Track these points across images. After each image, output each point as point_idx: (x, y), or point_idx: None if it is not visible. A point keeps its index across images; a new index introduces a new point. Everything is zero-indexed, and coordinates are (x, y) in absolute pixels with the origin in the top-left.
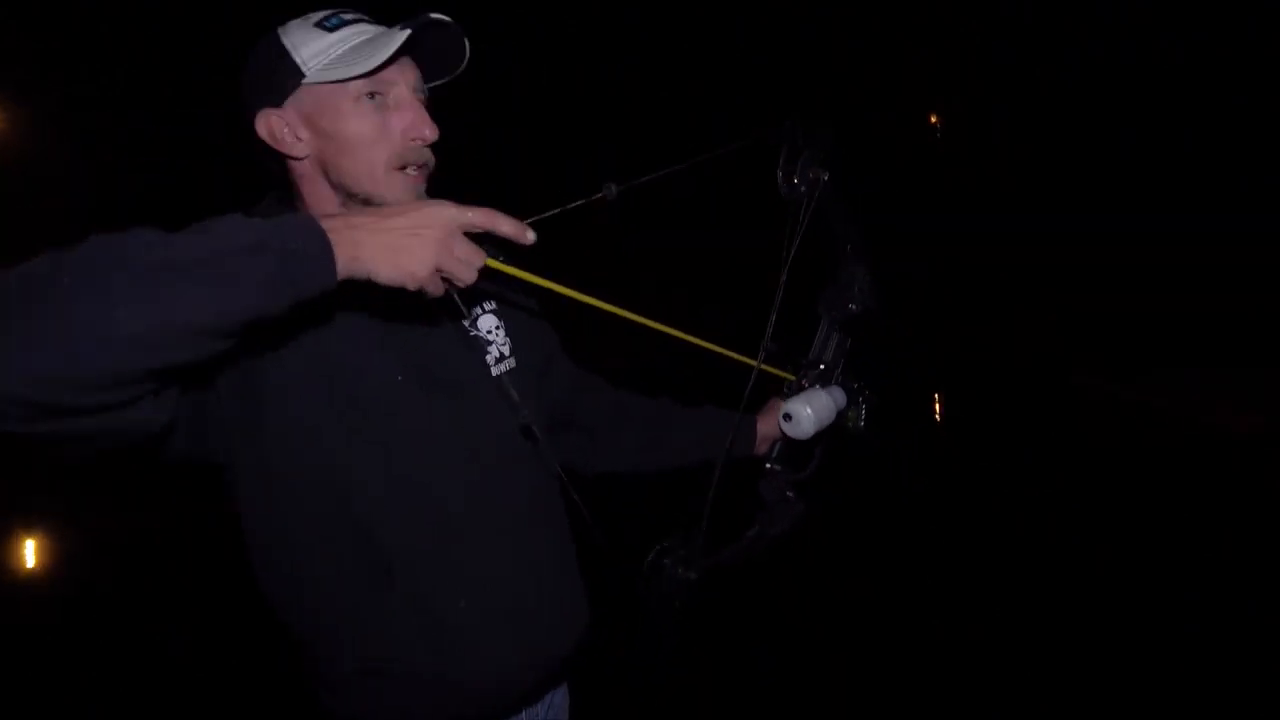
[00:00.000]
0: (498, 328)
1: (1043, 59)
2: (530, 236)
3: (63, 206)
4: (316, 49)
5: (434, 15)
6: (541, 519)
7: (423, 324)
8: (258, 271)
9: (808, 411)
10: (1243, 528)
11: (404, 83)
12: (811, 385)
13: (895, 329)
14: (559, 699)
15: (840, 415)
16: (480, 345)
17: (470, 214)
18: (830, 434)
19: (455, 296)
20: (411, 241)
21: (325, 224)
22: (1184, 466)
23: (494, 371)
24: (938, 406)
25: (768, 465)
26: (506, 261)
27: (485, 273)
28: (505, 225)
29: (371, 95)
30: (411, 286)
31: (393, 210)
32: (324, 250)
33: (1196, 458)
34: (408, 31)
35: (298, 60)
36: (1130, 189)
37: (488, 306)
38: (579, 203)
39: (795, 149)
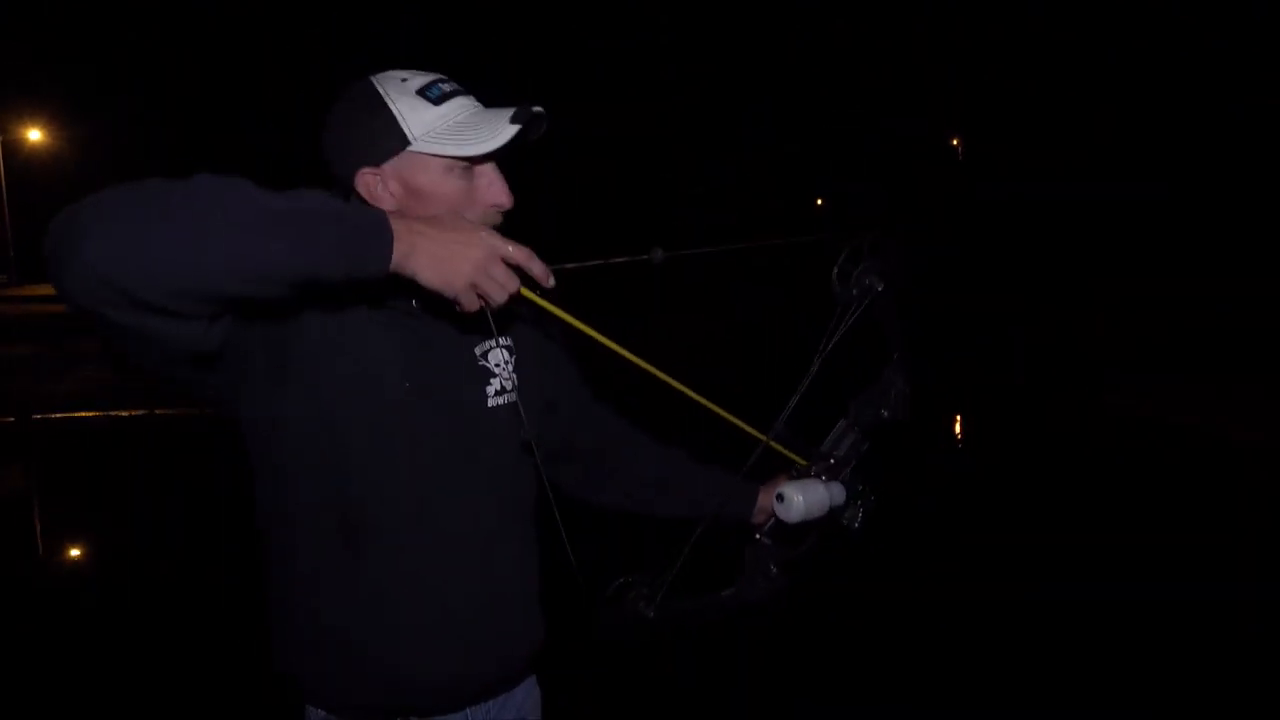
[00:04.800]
0: (506, 363)
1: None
2: (551, 282)
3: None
4: (424, 121)
5: (536, 109)
6: (510, 536)
7: (439, 349)
8: (330, 238)
9: (799, 499)
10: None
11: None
12: (817, 476)
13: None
14: (523, 698)
15: (834, 512)
16: (484, 375)
17: (511, 248)
18: (825, 525)
19: (489, 315)
20: (457, 253)
21: (392, 221)
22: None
23: (490, 404)
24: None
25: (757, 536)
26: (541, 296)
27: (518, 301)
28: (536, 267)
29: (465, 164)
30: (449, 294)
31: (449, 228)
32: (386, 240)
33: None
34: (516, 127)
35: (405, 130)
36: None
37: (502, 342)
38: (622, 259)
39: (857, 255)
